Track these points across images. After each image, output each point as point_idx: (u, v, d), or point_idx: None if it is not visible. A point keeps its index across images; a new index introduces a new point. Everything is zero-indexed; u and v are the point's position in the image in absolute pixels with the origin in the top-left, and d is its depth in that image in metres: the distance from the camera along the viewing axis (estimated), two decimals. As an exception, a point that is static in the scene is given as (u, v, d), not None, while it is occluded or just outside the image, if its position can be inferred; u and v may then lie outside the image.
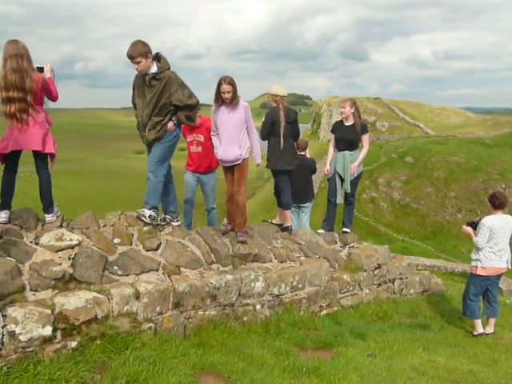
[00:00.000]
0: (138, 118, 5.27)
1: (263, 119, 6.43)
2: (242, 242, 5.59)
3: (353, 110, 6.89)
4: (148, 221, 5.10)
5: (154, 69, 5.00)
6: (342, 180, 7.01)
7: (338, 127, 7.11)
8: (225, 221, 6.01)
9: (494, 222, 6.22)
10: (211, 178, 6.86)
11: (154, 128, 5.11)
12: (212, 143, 5.81)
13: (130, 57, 4.91)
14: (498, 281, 6.48)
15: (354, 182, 7.06)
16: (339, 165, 6.96)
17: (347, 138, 6.93)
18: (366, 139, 6.98)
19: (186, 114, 5.17)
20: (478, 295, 6.43)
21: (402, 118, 63.18)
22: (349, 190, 6.99)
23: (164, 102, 5.05)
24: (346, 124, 6.96)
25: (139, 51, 4.87)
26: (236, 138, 5.50)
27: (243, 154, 5.54)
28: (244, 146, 5.55)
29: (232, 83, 5.33)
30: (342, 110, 6.99)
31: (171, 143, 5.24)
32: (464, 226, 6.60)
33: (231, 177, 5.68)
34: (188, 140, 6.75)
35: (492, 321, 6.45)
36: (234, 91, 5.37)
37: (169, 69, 5.08)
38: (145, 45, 4.93)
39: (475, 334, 6.35)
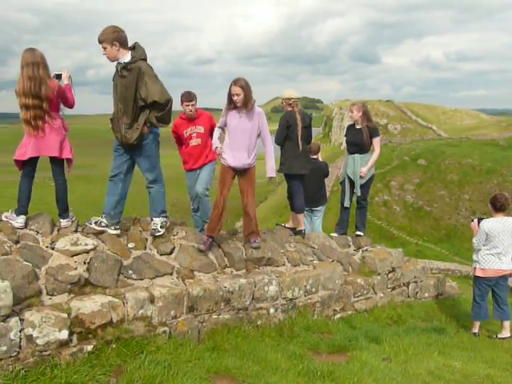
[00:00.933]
0: (114, 110, 4.83)
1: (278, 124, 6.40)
2: (256, 248, 5.50)
3: (360, 114, 6.88)
4: (162, 231, 5.04)
5: (127, 58, 4.61)
6: (353, 183, 7.00)
7: (349, 130, 7.13)
8: (203, 237, 5.37)
9: (492, 225, 6.20)
10: (210, 165, 6.29)
11: (130, 128, 4.65)
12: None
13: (98, 41, 4.59)
14: (503, 283, 6.39)
15: (367, 185, 7.03)
16: (349, 168, 6.96)
17: (355, 141, 6.93)
18: (376, 142, 6.94)
19: (156, 115, 4.63)
20: (484, 297, 6.39)
21: (414, 121, 62.76)
22: (359, 194, 6.97)
23: (134, 97, 4.59)
24: (357, 127, 6.96)
25: (105, 36, 4.53)
26: (245, 144, 5.24)
27: (251, 163, 5.34)
28: (254, 153, 5.34)
29: (243, 86, 5.04)
30: (350, 114, 7.03)
31: (153, 145, 4.85)
32: (472, 222, 6.61)
33: (230, 181, 5.40)
34: (185, 136, 6.23)
35: (506, 324, 6.38)
36: (246, 95, 5.07)
37: (144, 60, 4.63)
38: (114, 31, 4.56)
39: (469, 331, 6.41)
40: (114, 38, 4.55)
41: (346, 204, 7.06)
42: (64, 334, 3.60)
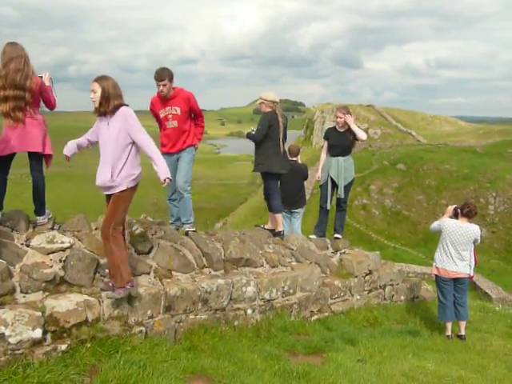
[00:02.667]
0: None
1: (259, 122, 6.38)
2: (112, 298, 4.08)
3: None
4: None
5: None
6: (335, 186, 7.06)
7: (331, 133, 7.18)
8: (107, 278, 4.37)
9: (449, 225, 6.45)
10: (189, 152, 5.82)
11: None
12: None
13: None
14: (461, 285, 6.56)
15: (347, 189, 7.10)
16: (333, 170, 7.01)
17: (341, 144, 6.99)
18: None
19: None
20: (445, 297, 6.55)
21: (394, 126, 63.60)
22: (342, 196, 7.04)
23: None
24: (340, 130, 7.02)
25: None
26: (109, 156, 4.11)
27: (116, 181, 4.07)
28: (121, 170, 4.08)
29: (103, 84, 4.08)
30: (339, 119, 6.98)
31: None
32: (450, 206, 6.78)
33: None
34: (161, 117, 5.76)
35: (462, 323, 6.59)
36: (103, 95, 4.08)
37: None
38: None
39: (446, 334, 6.53)
40: None
41: (329, 206, 7.12)
42: (38, 333, 3.55)
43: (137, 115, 4.21)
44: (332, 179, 7.03)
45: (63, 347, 3.66)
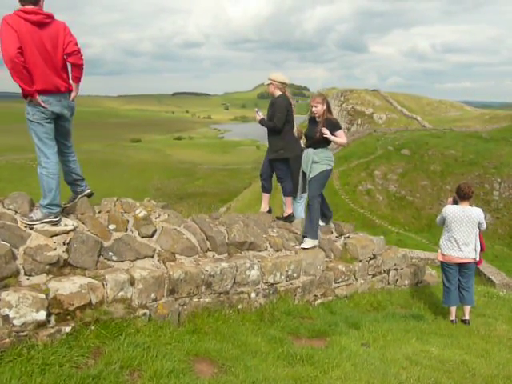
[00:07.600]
0: None
1: (278, 107, 6.11)
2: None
3: (325, 107, 6.22)
4: None
5: None
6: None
7: (309, 123, 6.48)
8: None
9: (452, 211, 6.44)
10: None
11: None
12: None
13: None
14: (466, 270, 6.55)
15: (316, 181, 6.28)
16: (303, 163, 6.41)
17: (310, 135, 6.32)
18: (341, 135, 6.23)
19: None
20: (451, 281, 6.56)
21: (399, 111, 63.13)
22: (306, 191, 6.53)
23: None
24: (317, 120, 6.31)
25: None
26: None
27: None
28: None
29: None
30: (315, 109, 6.20)
31: None
32: (450, 198, 6.81)
33: None
34: None
35: (466, 308, 6.60)
36: None
37: None
38: None
39: (450, 319, 6.54)
40: None
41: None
42: (42, 315, 3.55)
43: (143, 100, 4.06)
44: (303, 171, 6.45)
45: (67, 329, 3.66)
